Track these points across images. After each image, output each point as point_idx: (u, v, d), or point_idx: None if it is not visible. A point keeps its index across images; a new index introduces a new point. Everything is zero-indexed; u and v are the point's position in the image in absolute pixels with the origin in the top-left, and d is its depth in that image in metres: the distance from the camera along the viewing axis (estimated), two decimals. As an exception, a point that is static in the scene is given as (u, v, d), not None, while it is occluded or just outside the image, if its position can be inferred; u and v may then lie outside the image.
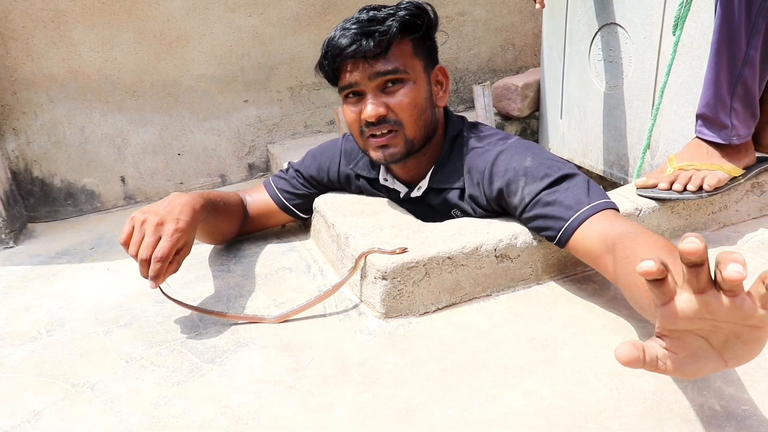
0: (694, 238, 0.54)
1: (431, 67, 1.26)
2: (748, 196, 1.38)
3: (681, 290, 0.59)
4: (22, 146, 1.97)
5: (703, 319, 0.59)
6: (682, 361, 0.63)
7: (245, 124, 2.28)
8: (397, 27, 1.16)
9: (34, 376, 1.06)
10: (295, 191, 1.49)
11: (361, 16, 1.19)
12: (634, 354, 0.60)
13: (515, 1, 2.57)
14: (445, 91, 1.29)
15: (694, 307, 0.58)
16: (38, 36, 1.90)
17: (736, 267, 0.53)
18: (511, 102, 2.34)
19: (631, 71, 1.71)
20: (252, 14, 2.16)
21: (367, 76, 1.18)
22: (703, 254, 0.54)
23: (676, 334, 0.62)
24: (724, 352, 0.62)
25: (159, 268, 1.10)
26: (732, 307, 0.57)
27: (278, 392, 0.95)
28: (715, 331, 0.61)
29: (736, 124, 1.30)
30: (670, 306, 0.60)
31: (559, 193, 1.09)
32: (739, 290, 0.56)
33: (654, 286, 0.59)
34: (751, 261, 1.21)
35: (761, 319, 0.57)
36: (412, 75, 1.20)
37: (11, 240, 1.79)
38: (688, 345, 0.63)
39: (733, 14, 1.21)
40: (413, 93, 1.20)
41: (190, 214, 1.20)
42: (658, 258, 0.56)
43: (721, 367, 0.63)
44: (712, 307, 0.57)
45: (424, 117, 1.23)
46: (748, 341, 0.60)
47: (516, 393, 0.89)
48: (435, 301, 1.15)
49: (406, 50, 1.20)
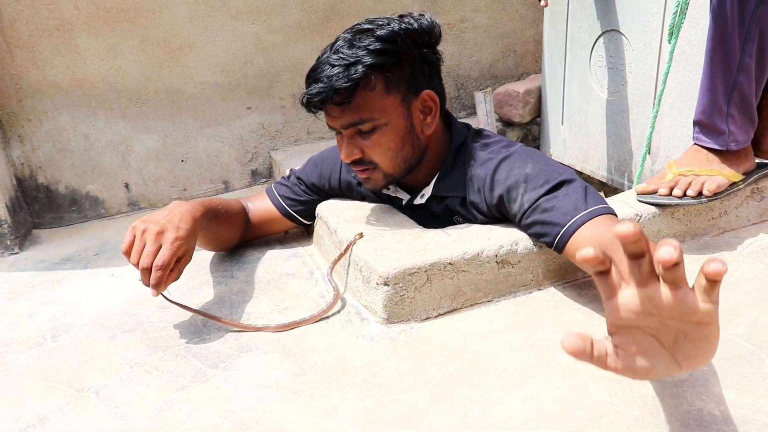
0: (628, 223, 0.53)
1: (414, 96, 1.21)
2: (748, 202, 1.39)
3: (626, 285, 0.59)
4: (27, 153, 1.98)
5: (649, 315, 0.58)
6: (632, 360, 0.62)
7: (248, 131, 2.29)
8: (361, 74, 1.13)
9: (39, 381, 1.07)
10: (297, 198, 1.50)
11: (331, 57, 1.16)
12: (580, 345, 0.59)
13: (516, 8, 2.58)
14: (435, 116, 1.25)
15: (635, 300, 0.58)
16: (43, 44, 1.92)
17: (668, 249, 0.52)
18: (512, 108, 2.35)
19: (631, 78, 1.72)
20: (255, 22, 2.18)
21: (338, 124, 1.20)
22: (639, 242, 0.54)
23: (623, 330, 0.62)
24: (675, 352, 0.62)
25: (160, 276, 1.11)
26: (675, 301, 0.56)
27: (281, 397, 0.96)
28: (663, 329, 0.60)
29: (733, 130, 1.31)
30: (614, 300, 0.59)
31: (557, 200, 1.10)
32: (681, 283, 0.55)
33: (599, 280, 0.59)
34: (751, 266, 1.22)
35: (705, 314, 0.56)
36: (383, 118, 1.18)
37: (16, 246, 1.80)
38: (636, 343, 0.62)
39: (726, 22, 1.22)
40: (386, 137, 1.19)
41: (191, 222, 1.21)
42: (601, 250, 0.56)
43: (674, 368, 0.62)
44: (655, 300, 0.57)
45: (401, 154, 1.23)
46: (696, 339, 0.60)
47: (517, 398, 0.90)
48: (436, 306, 1.15)
49: (376, 93, 1.16)
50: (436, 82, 1.26)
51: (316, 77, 1.17)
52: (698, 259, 1.27)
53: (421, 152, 1.27)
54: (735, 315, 1.05)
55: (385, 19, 1.18)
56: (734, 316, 1.05)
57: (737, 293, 1.12)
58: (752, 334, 0.99)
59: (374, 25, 1.17)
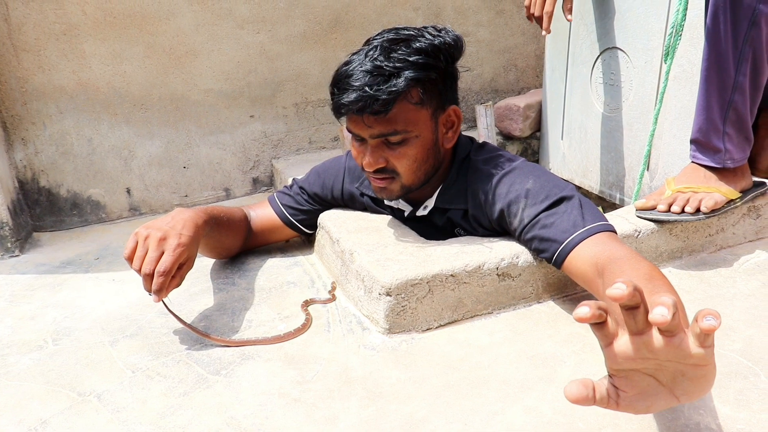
0: (620, 284, 0.55)
1: (442, 110, 1.23)
2: (745, 219, 1.40)
3: (622, 332, 0.61)
4: (30, 156, 1.99)
5: (645, 359, 0.60)
6: (632, 399, 0.64)
7: (250, 139, 2.30)
8: (403, 86, 1.12)
9: (40, 384, 1.08)
10: (300, 207, 1.51)
11: (366, 65, 1.13)
12: (583, 393, 0.61)
13: (518, 23, 2.61)
14: (456, 131, 1.26)
15: (630, 348, 0.60)
16: (50, 48, 1.93)
17: (661, 310, 0.54)
18: (512, 122, 2.37)
19: (631, 95, 1.74)
20: (260, 31, 2.19)
21: (367, 133, 1.18)
22: (632, 298, 0.56)
23: (622, 373, 0.64)
24: (673, 388, 0.64)
25: (162, 282, 1.12)
26: (670, 347, 0.58)
27: (283, 405, 0.97)
28: (661, 369, 0.62)
29: (730, 148, 1.33)
30: (611, 348, 0.62)
31: (557, 216, 1.12)
32: (676, 331, 0.57)
33: (595, 330, 0.61)
34: (747, 283, 1.23)
35: (700, 358, 0.58)
36: (415, 130, 1.18)
37: (17, 249, 1.81)
38: (636, 383, 0.64)
39: (720, 43, 1.25)
40: (414, 149, 1.19)
41: (193, 229, 1.22)
42: (595, 304, 0.58)
43: (673, 402, 0.65)
44: (651, 347, 0.59)
45: (424, 167, 1.23)
46: (694, 378, 0.62)
47: (517, 409, 0.91)
48: (438, 317, 1.17)
49: (411, 106, 1.16)
50: (456, 96, 1.27)
51: (350, 84, 1.13)
52: (695, 275, 1.28)
53: (439, 165, 1.27)
54: (732, 331, 1.07)
55: (416, 30, 1.18)
56: (731, 332, 1.06)
57: (734, 309, 1.14)
58: (748, 350, 1.01)
59: (408, 35, 1.17)
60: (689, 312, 1.12)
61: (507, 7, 2.57)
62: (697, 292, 1.22)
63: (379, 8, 2.35)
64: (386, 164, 1.21)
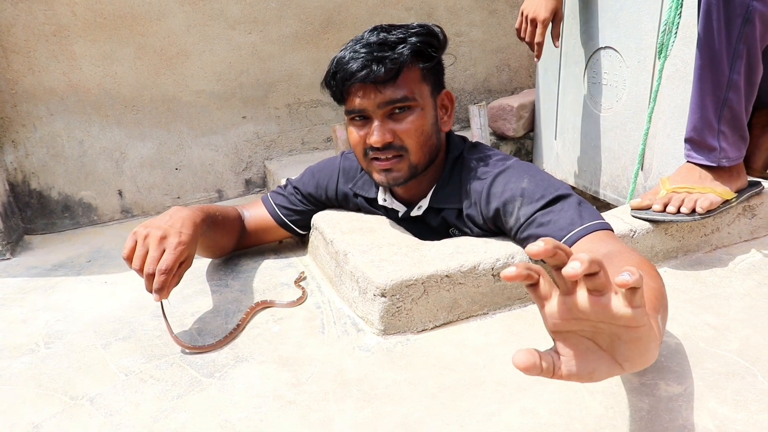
0: (539, 242, 0.55)
1: (438, 92, 1.28)
2: (740, 219, 1.40)
3: (555, 293, 0.61)
4: (20, 158, 1.97)
5: (578, 319, 0.60)
6: (573, 364, 0.63)
7: (243, 140, 2.29)
8: (408, 54, 1.17)
9: (32, 388, 1.07)
10: (294, 207, 1.50)
11: (371, 39, 1.19)
12: (531, 360, 0.60)
13: (511, 23, 2.61)
14: (450, 115, 1.31)
15: (559, 307, 0.60)
16: (40, 50, 1.91)
17: (574, 265, 0.54)
18: (506, 122, 2.37)
19: (625, 94, 1.74)
20: (252, 32, 2.18)
21: (376, 103, 1.19)
22: (556, 255, 0.56)
23: (559, 336, 0.64)
24: (614, 354, 0.63)
25: (164, 281, 1.11)
26: (597, 306, 0.57)
27: (278, 407, 0.96)
28: (598, 333, 0.62)
29: (725, 146, 1.33)
30: (545, 308, 0.62)
31: (553, 214, 1.11)
32: (604, 290, 0.57)
33: (530, 291, 0.62)
34: (743, 283, 1.23)
35: (630, 318, 0.57)
36: (420, 102, 1.21)
37: (8, 252, 1.79)
38: (574, 346, 0.63)
39: (713, 41, 1.25)
40: (420, 120, 1.21)
41: (192, 227, 1.21)
42: (524, 265, 0.58)
43: (617, 369, 0.64)
44: (580, 306, 0.58)
45: (429, 143, 1.25)
46: (629, 342, 0.61)
47: (513, 410, 0.91)
48: (433, 318, 1.16)
49: (415, 76, 1.21)
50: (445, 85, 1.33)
51: (355, 57, 1.18)
52: (690, 275, 1.28)
53: (438, 149, 1.30)
54: (728, 331, 1.06)
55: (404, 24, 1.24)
56: (727, 332, 1.06)
57: (730, 309, 1.14)
58: (745, 350, 1.00)
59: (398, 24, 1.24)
60: (685, 312, 1.13)
61: (500, 6, 2.57)
62: (692, 292, 1.21)
63: (372, 8, 2.35)
64: (393, 139, 1.21)
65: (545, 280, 0.61)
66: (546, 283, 0.61)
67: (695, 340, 1.04)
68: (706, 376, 0.94)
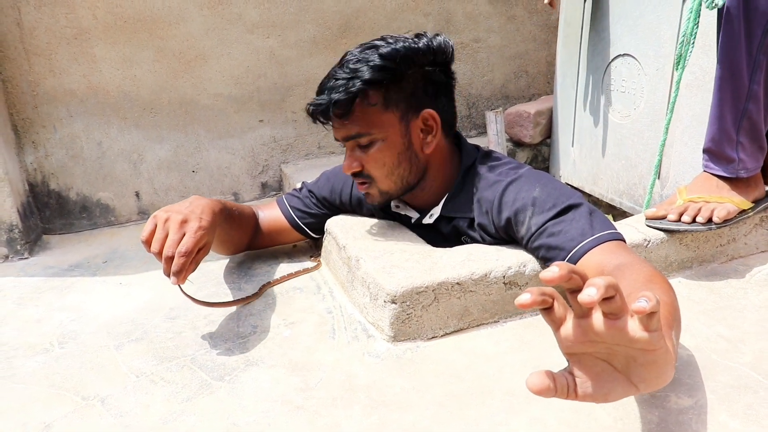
0: (553, 267, 0.55)
1: (414, 114, 1.23)
2: (757, 230, 1.38)
3: (569, 316, 0.61)
4: (40, 159, 2.00)
5: (594, 342, 0.60)
6: (589, 386, 0.63)
7: (259, 144, 2.30)
8: (357, 89, 1.15)
9: (44, 387, 1.08)
10: (308, 210, 1.51)
11: (336, 72, 1.20)
12: (545, 383, 0.60)
13: (529, 29, 2.60)
14: (435, 135, 1.26)
15: (573, 331, 0.60)
16: (61, 52, 1.94)
17: (589, 291, 0.53)
18: (523, 129, 2.36)
19: (642, 102, 1.73)
20: (270, 36, 2.20)
21: (340, 136, 1.25)
22: (569, 281, 0.56)
23: (574, 358, 0.63)
24: (629, 375, 0.63)
25: (183, 263, 1.11)
26: (613, 330, 0.57)
27: (286, 412, 0.96)
28: (613, 354, 0.62)
29: (743, 157, 1.31)
30: (559, 331, 0.61)
31: (564, 224, 1.10)
32: (621, 313, 0.57)
33: (544, 315, 0.61)
34: (759, 295, 1.22)
35: (647, 342, 0.57)
36: (380, 133, 1.21)
37: (26, 251, 1.82)
38: (590, 368, 0.63)
39: (734, 51, 1.23)
40: (382, 152, 1.22)
41: (211, 215, 1.23)
42: (538, 290, 0.58)
43: (631, 390, 0.63)
44: (595, 330, 0.58)
45: (397, 171, 1.25)
46: (645, 364, 0.61)
47: (522, 420, 0.90)
48: (443, 326, 1.16)
49: (374, 108, 1.19)
50: (443, 101, 1.27)
51: (321, 89, 1.22)
52: (705, 286, 1.27)
53: (420, 171, 1.28)
54: (741, 343, 1.05)
55: (394, 37, 1.20)
56: (741, 344, 1.05)
57: (744, 321, 1.12)
58: (759, 363, 0.99)
59: (383, 42, 1.20)
60: (699, 324, 1.11)
61: (518, 13, 2.57)
62: (707, 303, 1.20)
63: (390, 14, 2.35)
64: (362, 168, 1.25)
65: (559, 303, 0.60)
66: (560, 306, 0.61)
67: (708, 352, 1.03)
68: (718, 389, 0.93)
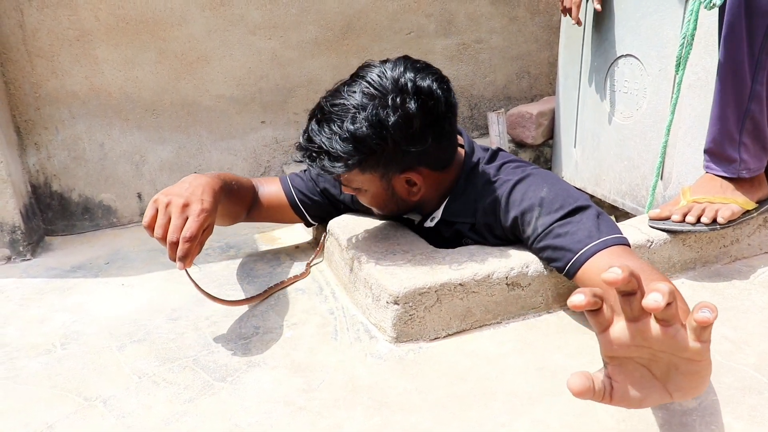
0: (615, 269, 0.55)
1: (396, 173, 1.20)
2: (761, 231, 1.38)
3: (618, 318, 0.60)
4: (42, 161, 2.00)
5: (640, 347, 0.60)
6: (625, 390, 0.63)
7: (261, 145, 2.30)
8: (337, 170, 1.15)
9: (47, 388, 1.08)
10: (310, 195, 1.50)
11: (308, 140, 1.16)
12: (587, 384, 0.60)
13: (531, 30, 2.59)
14: (420, 188, 1.25)
15: (624, 334, 0.60)
16: (63, 54, 1.94)
17: (655, 296, 0.53)
18: (525, 130, 2.35)
19: (645, 103, 1.72)
20: (272, 37, 2.20)
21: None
22: (628, 283, 0.56)
23: (616, 361, 0.63)
24: (666, 382, 0.63)
25: (188, 248, 1.10)
26: (665, 337, 0.58)
27: (288, 413, 0.96)
28: (655, 361, 0.62)
29: (746, 158, 1.31)
30: (607, 334, 0.61)
31: (571, 225, 1.10)
32: (673, 320, 0.57)
33: (590, 316, 0.61)
34: (763, 295, 1.21)
35: (696, 352, 0.58)
36: (363, 186, 1.24)
37: (28, 252, 1.81)
38: (629, 373, 0.63)
39: (736, 51, 1.23)
40: (368, 198, 1.28)
41: (212, 194, 1.20)
42: (590, 291, 0.57)
43: (665, 398, 0.64)
44: (646, 335, 0.58)
45: (386, 209, 1.33)
46: (687, 374, 0.61)
47: (524, 422, 0.90)
48: (446, 327, 1.15)
49: (353, 171, 1.17)
50: (432, 146, 1.17)
51: (304, 147, 1.18)
52: (708, 287, 1.26)
53: (412, 205, 1.33)
54: (746, 345, 1.04)
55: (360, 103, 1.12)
56: (745, 345, 1.04)
57: (748, 323, 1.12)
58: (763, 364, 0.99)
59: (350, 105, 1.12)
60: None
61: (520, 13, 2.56)
62: (710, 304, 1.19)
63: (392, 15, 2.35)
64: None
65: (607, 305, 0.60)
66: (608, 308, 0.60)
67: (712, 353, 1.01)
68: (722, 390, 0.92)
